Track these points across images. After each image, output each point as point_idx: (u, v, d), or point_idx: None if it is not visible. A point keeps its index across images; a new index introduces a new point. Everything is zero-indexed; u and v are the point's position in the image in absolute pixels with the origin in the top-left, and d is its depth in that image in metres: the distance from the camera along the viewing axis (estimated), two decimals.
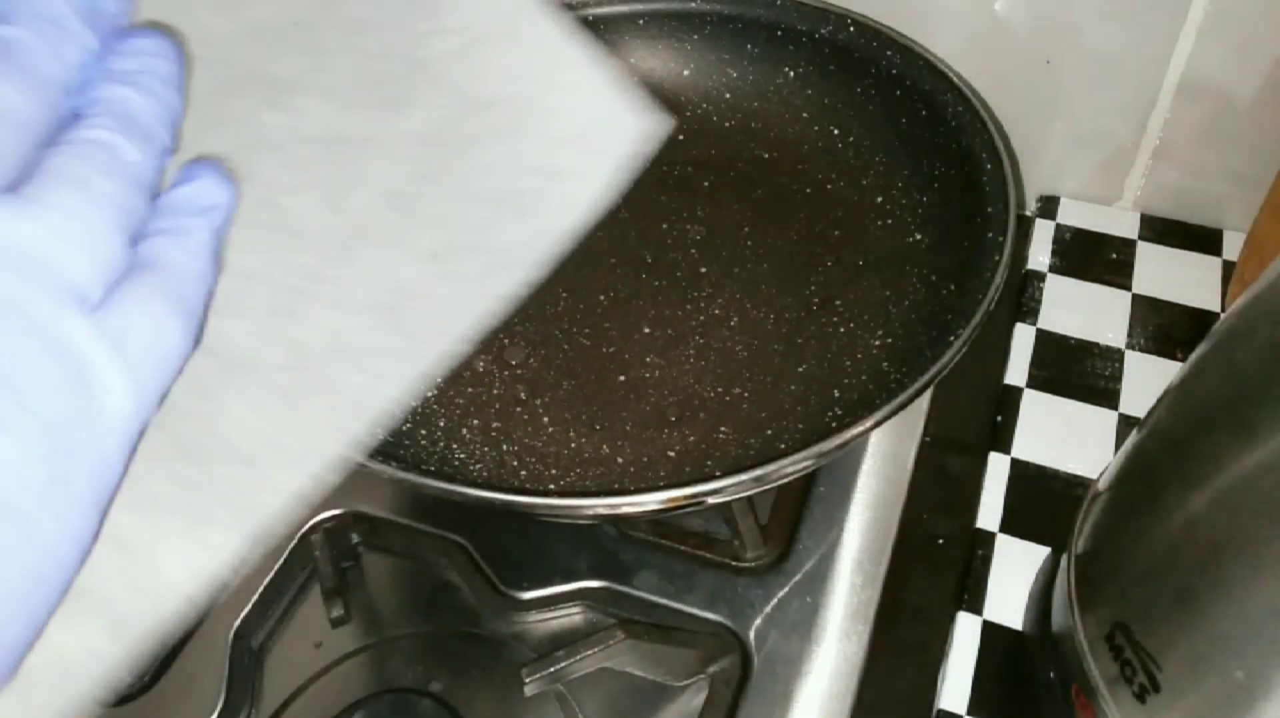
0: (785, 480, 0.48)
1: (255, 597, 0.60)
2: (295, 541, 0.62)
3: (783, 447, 0.54)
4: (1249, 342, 0.36)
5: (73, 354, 0.23)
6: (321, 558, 0.61)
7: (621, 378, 0.60)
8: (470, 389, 0.59)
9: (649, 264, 0.65)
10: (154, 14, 0.29)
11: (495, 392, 0.59)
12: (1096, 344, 0.67)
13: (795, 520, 0.61)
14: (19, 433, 0.22)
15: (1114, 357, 0.66)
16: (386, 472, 0.47)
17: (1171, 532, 0.38)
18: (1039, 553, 0.57)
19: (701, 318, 0.62)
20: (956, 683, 0.53)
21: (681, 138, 0.72)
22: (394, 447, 0.55)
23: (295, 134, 0.29)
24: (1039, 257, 0.73)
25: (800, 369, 0.58)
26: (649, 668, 0.55)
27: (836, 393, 0.56)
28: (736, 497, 0.53)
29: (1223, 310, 0.68)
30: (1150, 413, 0.43)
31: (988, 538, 0.58)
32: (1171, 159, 0.73)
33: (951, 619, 0.56)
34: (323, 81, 0.30)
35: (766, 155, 0.70)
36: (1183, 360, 0.51)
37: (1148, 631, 0.39)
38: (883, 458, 0.64)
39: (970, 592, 0.56)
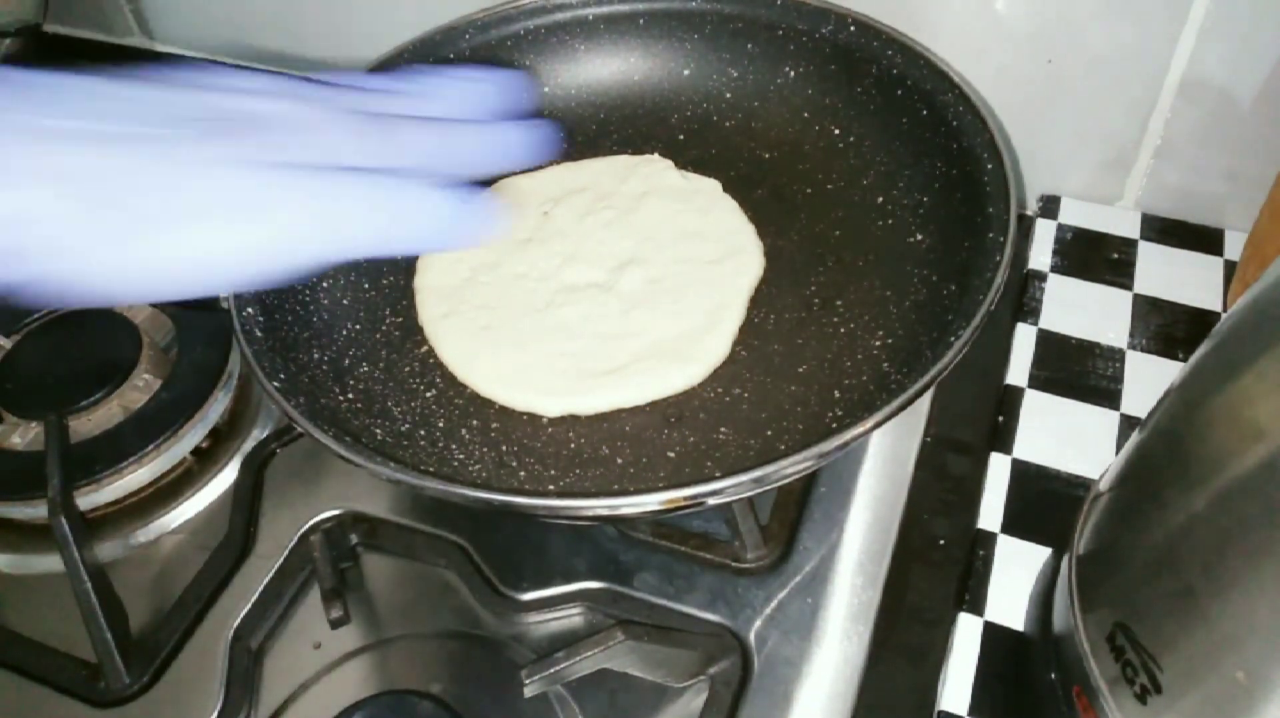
0: (785, 481, 0.48)
1: (254, 598, 0.60)
2: (294, 541, 0.62)
3: (783, 447, 0.54)
4: (1251, 341, 0.36)
5: None
6: (320, 559, 0.61)
7: None
8: (470, 390, 0.59)
9: None
10: None
11: None
12: (1098, 344, 0.67)
13: (796, 521, 0.61)
14: None
15: (1115, 357, 0.66)
16: (385, 472, 0.47)
17: (1173, 532, 0.38)
18: (1040, 554, 0.57)
19: None
20: (957, 684, 0.53)
21: (682, 138, 0.72)
22: (393, 447, 0.55)
23: None
24: (1040, 256, 0.73)
25: (800, 369, 0.58)
26: (649, 669, 0.55)
27: (837, 393, 0.56)
28: (737, 498, 0.53)
29: (1224, 310, 0.68)
30: (1152, 413, 0.43)
31: (989, 539, 0.58)
32: (1173, 159, 0.73)
33: (952, 620, 0.56)
34: None
35: (767, 155, 0.69)
36: (1184, 360, 0.51)
37: (1149, 631, 0.39)
38: (883, 459, 0.64)
39: (971, 593, 0.56)
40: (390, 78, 0.46)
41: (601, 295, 0.61)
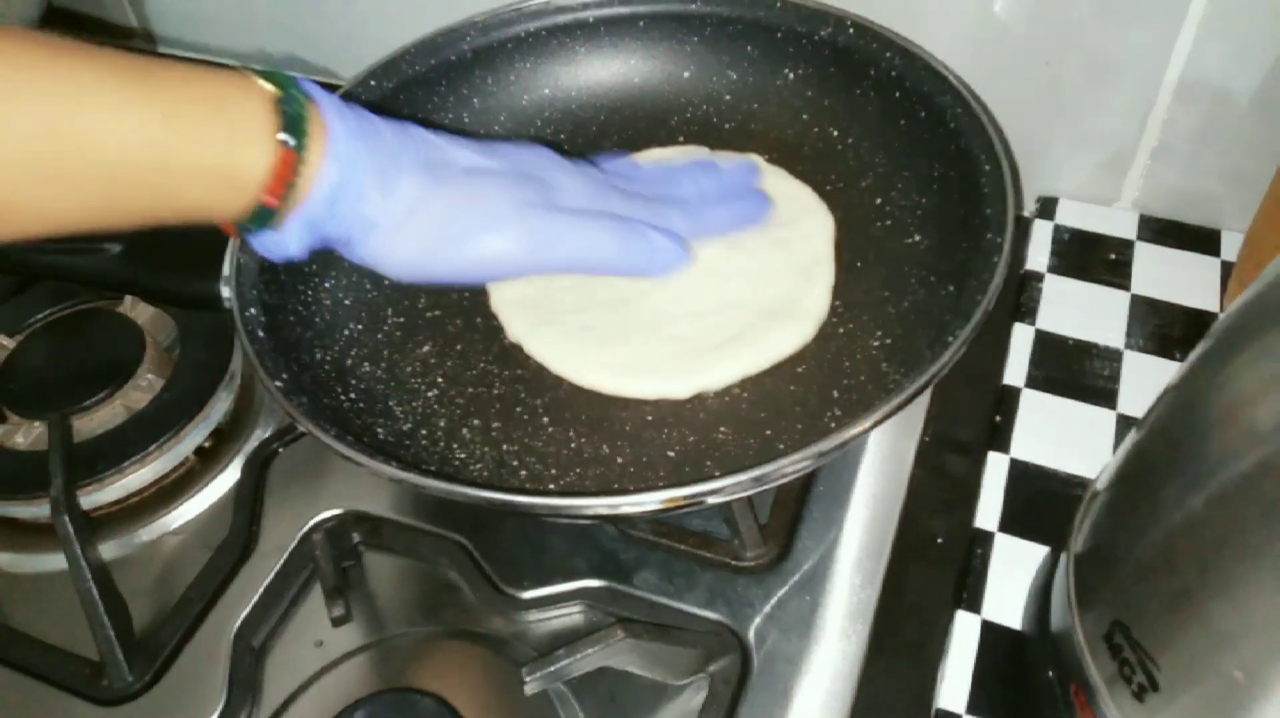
0: (784, 481, 0.48)
1: (256, 596, 0.60)
2: (296, 540, 0.62)
3: (782, 447, 0.54)
4: (1247, 342, 0.36)
5: None
6: (322, 558, 0.61)
7: None
8: (470, 389, 0.59)
9: None
10: None
11: (495, 392, 0.59)
12: (1095, 344, 0.67)
13: (795, 520, 0.61)
14: None
15: (1113, 357, 0.66)
16: (387, 472, 0.47)
17: (1170, 531, 0.38)
18: (1038, 552, 0.57)
19: None
20: (955, 682, 0.53)
21: (681, 139, 0.72)
22: (395, 447, 0.55)
23: None
24: (1038, 257, 0.73)
25: (799, 369, 0.58)
26: (649, 667, 0.55)
27: (835, 393, 0.56)
28: (736, 497, 0.53)
29: (1221, 310, 0.68)
30: (1149, 413, 0.43)
31: (987, 537, 0.58)
32: (1170, 160, 0.73)
33: (950, 618, 0.56)
34: None
35: (766, 157, 0.69)
36: (1181, 360, 0.51)
37: (1146, 630, 0.39)
38: (882, 458, 0.64)
39: (969, 591, 0.56)
40: (660, 170, 0.65)
41: (686, 272, 0.61)
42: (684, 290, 0.61)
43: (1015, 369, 0.66)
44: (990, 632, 0.55)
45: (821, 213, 0.65)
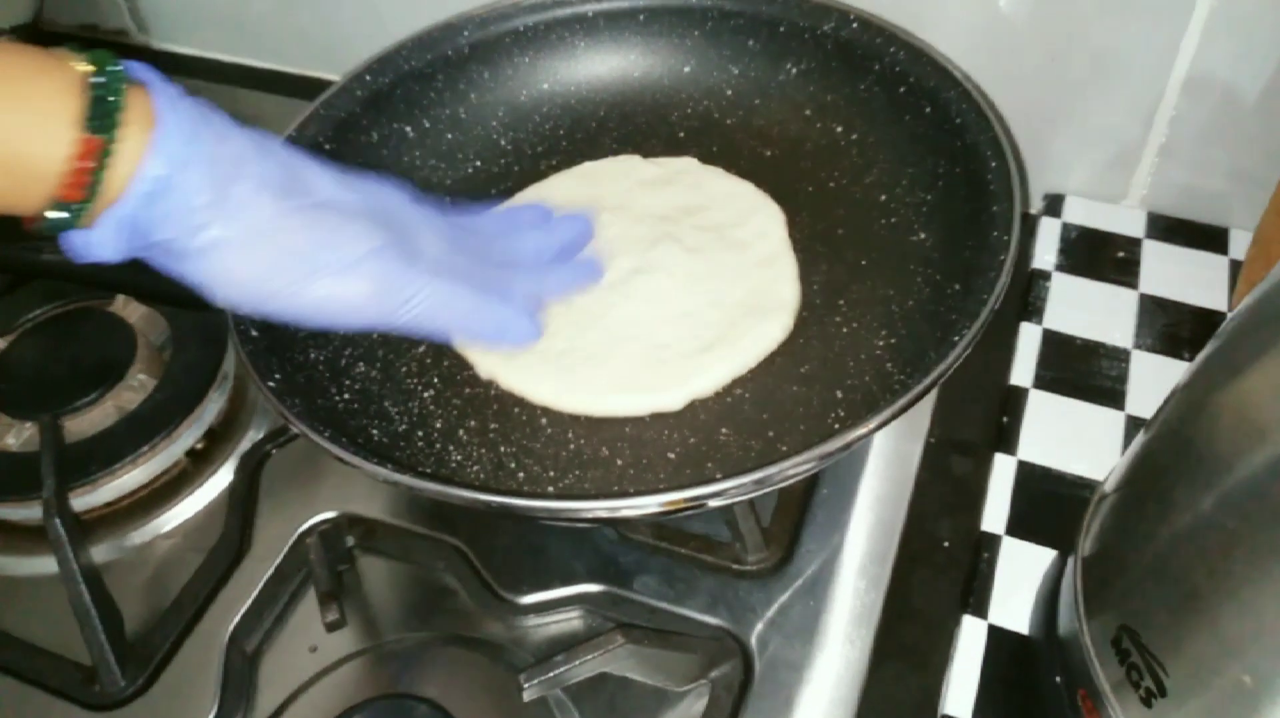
0: (787, 483, 0.48)
1: (250, 600, 0.60)
2: (290, 543, 0.62)
3: (784, 448, 0.54)
4: (1256, 341, 0.36)
5: None
6: (316, 561, 0.60)
7: None
8: (468, 390, 0.59)
9: None
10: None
11: (493, 392, 0.59)
12: (1103, 344, 0.67)
13: (798, 523, 0.61)
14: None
15: (1120, 356, 0.66)
16: (382, 474, 0.47)
17: (1179, 534, 0.38)
18: (1045, 556, 0.57)
19: None
20: (961, 688, 0.53)
21: (682, 135, 0.72)
22: (390, 448, 0.55)
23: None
24: (1045, 255, 0.73)
25: (802, 370, 0.58)
26: (649, 673, 0.55)
27: (839, 394, 0.56)
28: (738, 499, 0.52)
29: (1230, 309, 0.68)
30: (1158, 413, 0.43)
31: (993, 541, 0.58)
32: (1178, 157, 0.72)
33: (956, 623, 0.56)
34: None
35: (768, 153, 0.69)
36: (1190, 360, 0.51)
37: (1155, 635, 0.39)
38: (886, 460, 0.64)
39: (975, 595, 0.56)
40: (497, 219, 0.63)
41: (651, 280, 0.61)
42: (653, 300, 0.60)
43: (1022, 369, 0.66)
44: (997, 637, 0.54)
45: (768, 207, 0.65)
